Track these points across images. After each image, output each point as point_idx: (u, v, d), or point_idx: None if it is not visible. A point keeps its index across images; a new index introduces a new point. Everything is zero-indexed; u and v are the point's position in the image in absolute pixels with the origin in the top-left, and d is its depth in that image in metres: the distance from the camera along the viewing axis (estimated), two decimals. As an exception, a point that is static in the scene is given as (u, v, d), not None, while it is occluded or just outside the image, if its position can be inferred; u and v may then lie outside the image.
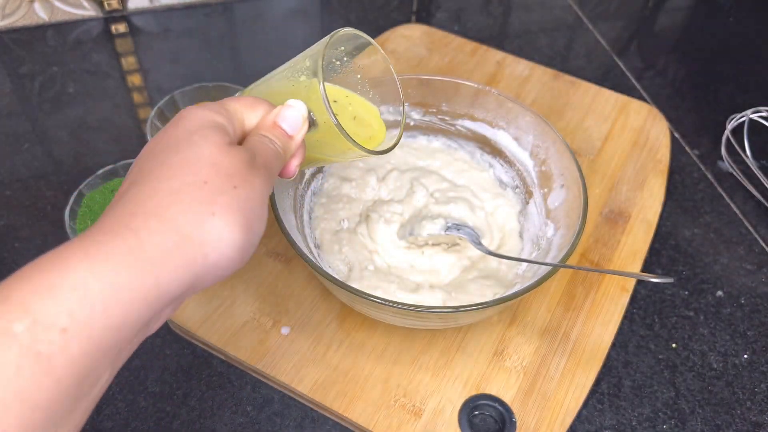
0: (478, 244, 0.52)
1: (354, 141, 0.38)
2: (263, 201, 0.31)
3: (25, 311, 0.22)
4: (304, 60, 0.39)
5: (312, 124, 0.38)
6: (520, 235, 0.57)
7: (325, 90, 0.36)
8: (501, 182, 0.61)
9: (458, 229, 0.53)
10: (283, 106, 0.36)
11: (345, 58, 0.45)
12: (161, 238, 0.26)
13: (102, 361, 0.24)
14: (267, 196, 0.32)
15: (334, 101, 0.44)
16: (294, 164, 0.37)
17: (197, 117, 0.32)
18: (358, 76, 0.46)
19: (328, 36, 0.39)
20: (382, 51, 0.44)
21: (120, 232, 0.26)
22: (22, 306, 0.22)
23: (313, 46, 0.39)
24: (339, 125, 0.37)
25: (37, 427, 0.22)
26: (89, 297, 0.23)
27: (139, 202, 0.27)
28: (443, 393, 0.49)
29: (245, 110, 0.35)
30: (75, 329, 0.23)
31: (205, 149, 0.30)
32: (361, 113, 0.46)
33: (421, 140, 0.63)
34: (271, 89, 0.41)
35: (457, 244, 0.54)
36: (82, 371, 0.23)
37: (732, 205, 0.66)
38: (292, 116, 0.35)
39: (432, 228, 0.53)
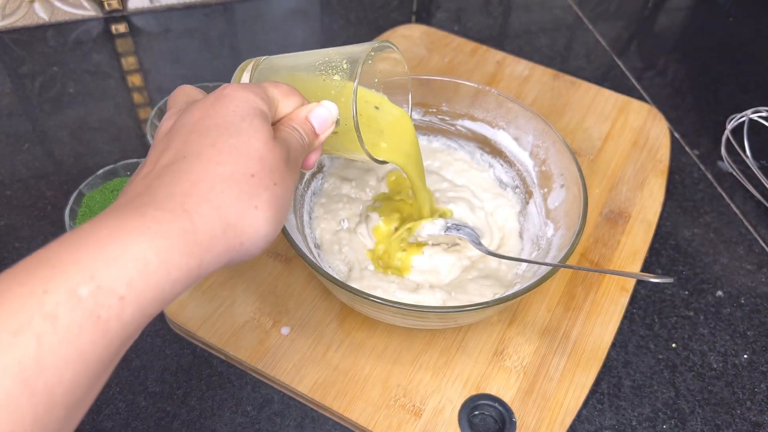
0: (478, 244, 0.52)
1: (366, 150, 0.40)
2: (292, 196, 0.33)
3: (91, 277, 0.24)
4: (341, 61, 0.40)
5: (335, 125, 0.39)
6: (520, 235, 0.57)
7: (356, 97, 0.38)
8: (501, 182, 0.61)
9: (458, 230, 0.53)
10: (318, 105, 0.37)
11: (369, 62, 0.47)
12: (211, 225, 0.28)
13: (140, 330, 0.26)
14: (294, 188, 0.34)
15: (365, 101, 0.46)
16: (313, 159, 0.39)
17: (244, 100, 0.32)
18: (376, 80, 0.48)
19: (371, 45, 0.41)
20: (406, 66, 0.47)
21: (176, 213, 0.27)
22: (88, 272, 0.24)
23: (352, 49, 0.41)
24: (358, 131, 0.39)
25: (83, 384, 0.24)
26: (147, 270, 0.25)
27: (193, 183, 0.29)
28: (443, 393, 0.49)
29: (282, 98, 0.36)
30: (131, 298, 0.25)
31: (254, 141, 0.31)
32: (385, 117, 0.48)
33: (421, 140, 0.63)
34: (300, 79, 0.42)
35: (457, 244, 0.54)
36: (126, 337, 0.25)
37: (732, 205, 0.66)
38: (324, 116, 0.37)
39: (431, 228, 0.53)
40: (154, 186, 0.29)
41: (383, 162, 0.44)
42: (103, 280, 0.24)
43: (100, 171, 0.59)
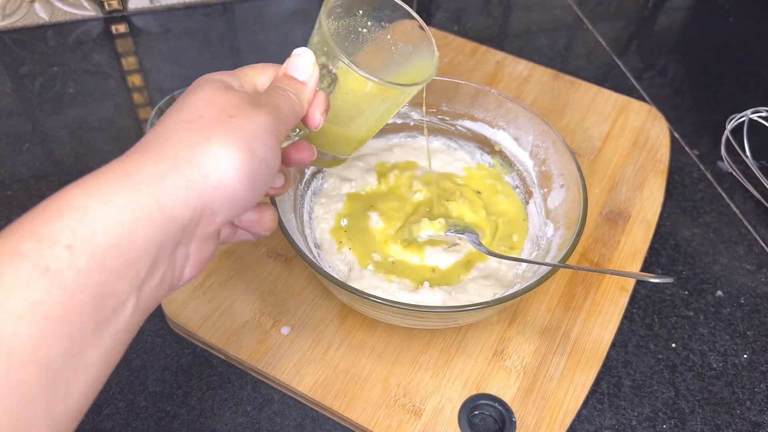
0: (479, 244, 0.52)
1: (374, 76, 0.38)
2: (267, 131, 0.31)
3: (31, 232, 0.25)
4: (319, 19, 0.39)
5: (333, 80, 0.38)
6: (520, 235, 0.57)
7: (330, 33, 0.37)
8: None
9: (459, 231, 0.53)
10: (291, 57, 0.36)
11: (370, 23, 0.44)
12: (156, 162, 0.28)
13: (118, 282, 0.26)
14: (273, 130, 0.32)
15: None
16: (317, 113, 0.37)
17: (205, 77, 0.33)
18: (391, 42, 0.45)
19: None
20: (411, 11, 0.44)
21: (116, 165, 0.28)
22: (29, 230, 0.25)
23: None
24: (352, 63, 0.37)
25: (55, 337, 0.23)
26: (89, 216, 0.25)
27: (137, 148, 0.29)
28: (443, 393, 0.49)
29: (257, 74, 0.36)
30: (79, 246, 0.25)
31: (199, 92, 0.32)
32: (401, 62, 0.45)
33: (421, 140, 0.63)
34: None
35: (457, 244, 0.55)
36: (97, 289, 0.25)
37: (732, 205, 0.66)
38: (301, 63, 0.36)
39: (433, 229, 0.53)
40: (131, 150, 0.30)
41: (412, 85, 0.42)
42: (43, 233, 0.24)
43: (101, 171, 0.59)
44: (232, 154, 0.29)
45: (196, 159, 0.28)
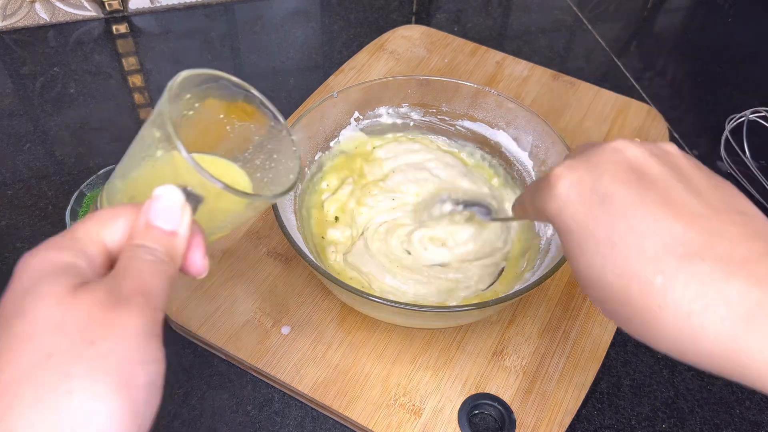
0: (487, 215, 0.52)
1: (258, 195, 0.33)
2: (144, 337, 0.24)
3: None
4: (151, 130, 0.32)
5: (196, 201, 0.30)
6: (520, 235, 0.57)
7: (190, 155, 0.29)
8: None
9: (468, 206, 0.53)
10: (150, 201, 0.28)
11: (197, 105, 0.37)
12: None
13: None
14: (151, 326, 0.25)
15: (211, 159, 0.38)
16: (197, 257, 0.29)
17: (35, 265, 0.25)
18: (221, 116, 0.38)
19: (165, 90, 0.32)
20: (229, 76, 0.36)
21: None
22: None
23: (155, 108, 0.33)
24: (228, 187, 0.30)
25: None
26: None
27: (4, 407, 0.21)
28: (443, 392, 0.49)
29: (101, 228, 0.27)
30: None
31: (42, 310, 0.23)
32: (225, 171, 0.39)
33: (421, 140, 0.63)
34: (130, 180, 0.34)
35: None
36: None
37: (731, 205, 0.66)
38: (166, 208, 0.28)
39: (445, 207, 0.53)
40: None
41: (285, 192, 0.36)
42: None
43: (101, 171, 0.60)
44: (107, 403, 0.22)
45: (65, 428, 0.21)
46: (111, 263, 0.27)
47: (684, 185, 0.28)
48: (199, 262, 0.29)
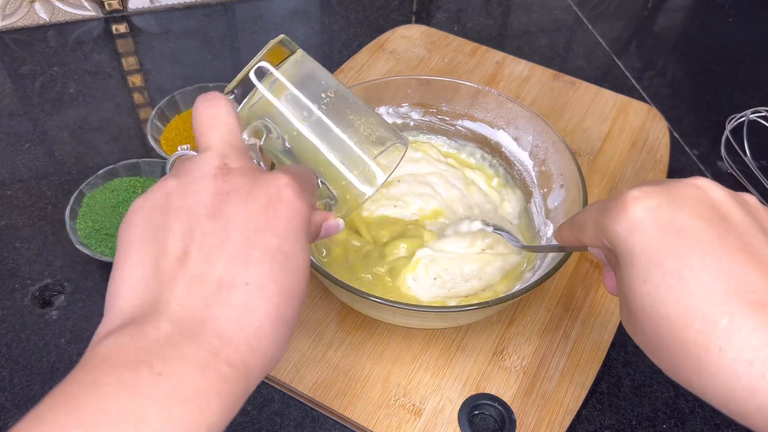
0: (515, 240, 0.52)
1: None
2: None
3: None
4: (358, 162, 0.39)
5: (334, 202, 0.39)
6: (520, 235, 0.57)
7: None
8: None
9: (497, 229, 0.53)
10: (334, 218, 0.35)
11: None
12: (257, 376, 0.28)
13: None
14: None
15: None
16: (339, 224, 0.36)
17: (302, 217, 0.30)
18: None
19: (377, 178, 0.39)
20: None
21: (240, 371, 0.26)
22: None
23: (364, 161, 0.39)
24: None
25: None
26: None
27: (256, 329, 0.27)
28: (443, 392, 0.49)
29: (312, 192, 0.33)
30: None
31: (303, 281, 0.30)
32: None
33: (421, 140, 0.63)
34: (315, 147, 0.39)
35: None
36: None
37: (731, 205, 0.66)
38: (333, 229, 0.35)
39: (474, 225, 0.53)
40: (213, 316, 0.25)
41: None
42: None
43: (101, 171, 0.60)
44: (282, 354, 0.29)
45: (272, 362, 0.28)
46: None
47: (764, 237, 0.28)
48: (339, 225, 0.36)
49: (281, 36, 0.40)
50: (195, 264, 0.26)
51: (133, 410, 0.22)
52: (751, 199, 0.30)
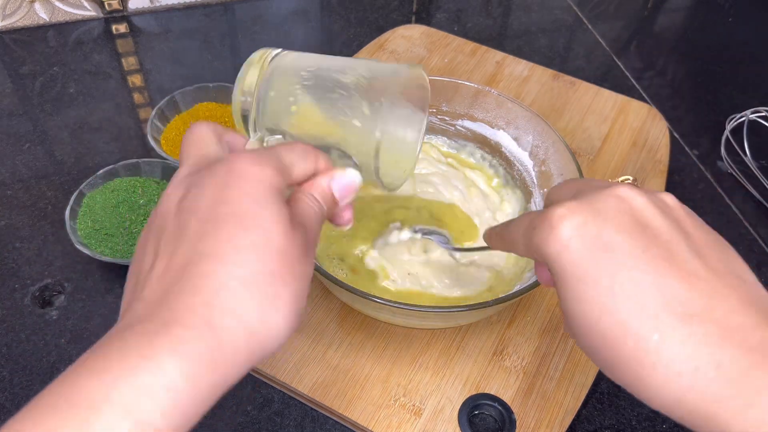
0: (445, 244, 0.53)
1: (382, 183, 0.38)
2: (309, 287, 0.31)
3: (128, 412, 0.23)
4: (360, 103, 0.36)
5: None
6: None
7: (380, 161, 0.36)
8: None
9: (426, 234, 0.54)
10: (341, 172, 0.34)
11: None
12: (235, 337, 0.26)
13: None
14: (312, 270, 0.31)
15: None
16: (348, 215, 0.35)
17: (259, 179, 0.29)
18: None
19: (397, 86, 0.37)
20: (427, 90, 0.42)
21: (202, 330, 0.25)
22: (124, 406, 0.23)
23: (378, 86, 0.37)
24: (381, 182, 0.37)
25: None
26: (179, 397, 0.24)
27: (215, 290, 0.26)
28: (443, 392, 0.49)
29: (298, 161, 0.32)
30: (164, 429, 0.24)
31: (274, 234, 0.28)
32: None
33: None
34: (315, 106, 0.38)
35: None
36: None
37: (731, 205, 0.66)
38: (347, 184, 0.34)
39: (403, 235, 0.54)
40: (173, 293, 0.26)
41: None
42: (141, 414, 0.23)
43: (101, 171, 0.60)
44: (288, 325, 0.28)
45: (263, 333, 0.27)
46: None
47: (686, 243, 0.28)
48: (347, 218, 0.35)
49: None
50: (159, 262, 0.28)
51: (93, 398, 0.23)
52: (670, 199, 0.31)
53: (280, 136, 0.39)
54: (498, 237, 0.37)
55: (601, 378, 0.52)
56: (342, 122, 0.37)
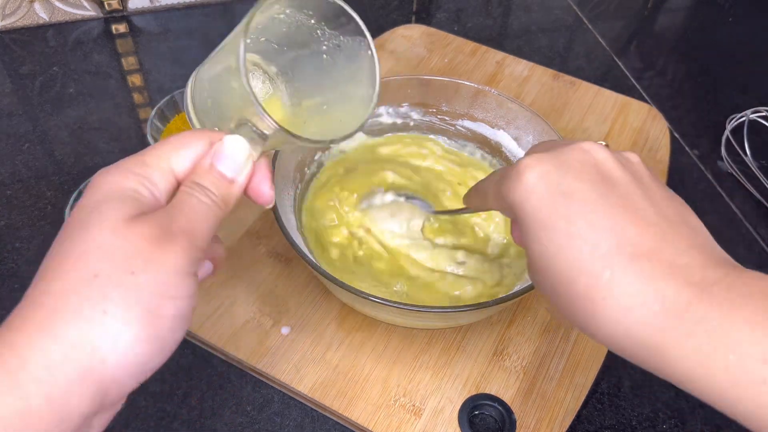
0: (427, 207, 0.54)
1: (308, 139, 0.31)
2: (180, 275, 0.27)
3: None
4: (228, 56, 0.30)
5: (263, 137, 0.30)
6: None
7: (251, 89, 0.28)
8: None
9: (409, 198, 0.55)
10: (218, 144, 0.30)
11: (287, 11, 0.34)
12: (45, 353, 0.24)
13: None
14: (189, 266, 0.27)
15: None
16: (265, 188, 0.32)
17: (103, 186, 0.27)
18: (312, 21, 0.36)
19: (248, 15, 0.30)
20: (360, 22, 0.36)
21: (2, 354, 0.23)
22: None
23: (236, 29, 0.31)
24: (285, 131, 0.30)
25: None
26: None
27: (27, 314, 0.25)
28: (443, 392, 0.49)
29: (172, 154, 0.29)
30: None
31: (97, 233, 0.26)
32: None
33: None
34: (216, 97, 0.33)
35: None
36: None
37: (732, 205, 0.66)
38: (231, 156, 0.30)
39: (383, 198, 0.55)
40: (13, 318, 0.25)
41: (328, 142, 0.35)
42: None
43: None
44: (132, 330, 0.25)
45: (90, 343, 0.24)
46: (175, 189, 0.30)
47: (642, 192, 0.30)
48: (266, 193, 0.32)
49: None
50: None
51: None
52: (634, 157, 0.32)
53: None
54: (473, 191, 0.40)
55: (601, 378, 0.52)
56: (228, 93, 0.32)
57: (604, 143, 0.36)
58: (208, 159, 0.30)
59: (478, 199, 0.39)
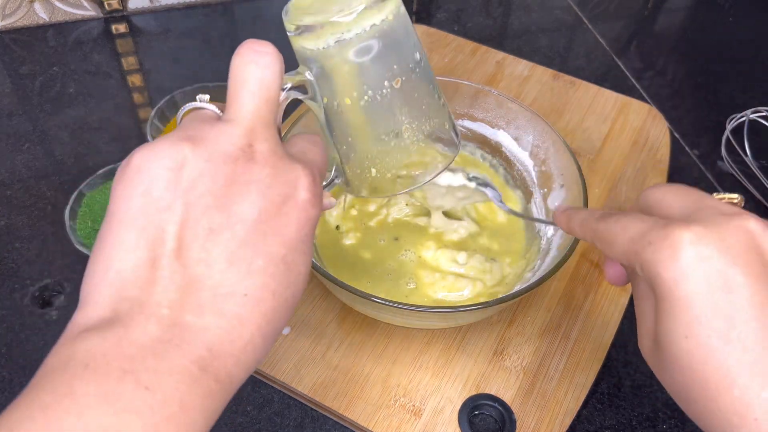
0: (500, 202, 0.49)
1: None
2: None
3: None
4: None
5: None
6: (520, 235, 0.57)
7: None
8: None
9: (480, 184, 0.48)
10: (327, 199, 0.34)
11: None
12: (237, 377, 0.25)
13: None
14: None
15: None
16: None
17: (311, 217, 0.27)
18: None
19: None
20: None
21: (222, 380, 0.24)
22: None
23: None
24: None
25: None
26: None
27: (245, 342, 0.25)
28: (443, 392, 0.49)
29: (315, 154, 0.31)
30: None
31: (302, 281, 0.28)
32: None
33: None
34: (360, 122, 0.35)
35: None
36: None
37: (732, 205, 0.66)
38: (327, 206, 0.34)
39: (453, 179, 0.48)
40: (205, 328, 0.23)
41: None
42: None
43: (101, 171, 0.60)
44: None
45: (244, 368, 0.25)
46: None
47: None
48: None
49: None
50: (193, 263, 0.24)
51: (116, 426, 0.20)
52: None
53: (311, 95, 0.34)
54: (585, 225, 0.34)
55: (601, 378, 0.52)
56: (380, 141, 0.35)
57: (737, 198, 0.32)
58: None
59: (587, 234, 0.34)
